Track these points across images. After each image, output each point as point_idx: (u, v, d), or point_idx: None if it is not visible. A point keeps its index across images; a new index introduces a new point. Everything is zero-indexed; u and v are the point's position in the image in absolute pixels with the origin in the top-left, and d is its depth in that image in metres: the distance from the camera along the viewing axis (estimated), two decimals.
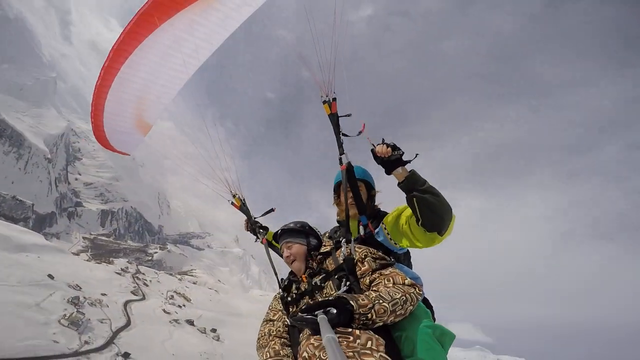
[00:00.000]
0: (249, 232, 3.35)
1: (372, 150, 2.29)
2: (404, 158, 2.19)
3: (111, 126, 3.55)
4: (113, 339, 71.50)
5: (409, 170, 2.17)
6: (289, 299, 2.24)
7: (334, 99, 2.55)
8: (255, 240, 3.23)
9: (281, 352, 2.08)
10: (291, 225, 2.45)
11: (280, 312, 2.33)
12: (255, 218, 3.29)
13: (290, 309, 2.20)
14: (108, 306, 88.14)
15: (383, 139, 2.28)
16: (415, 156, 2.17)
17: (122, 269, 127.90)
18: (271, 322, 2.33)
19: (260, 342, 2.27)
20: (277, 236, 2.57)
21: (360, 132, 2.46)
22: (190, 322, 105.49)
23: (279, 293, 2.40)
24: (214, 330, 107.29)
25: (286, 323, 2.24)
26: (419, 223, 2.12)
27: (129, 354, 67.70)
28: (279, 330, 2.24)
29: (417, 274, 2.35)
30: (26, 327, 59.30)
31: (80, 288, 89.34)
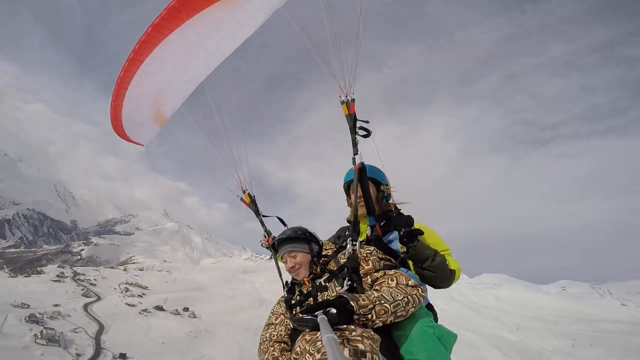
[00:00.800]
0: (268, 249, 3.08)
1: (390, 217, 2.44)
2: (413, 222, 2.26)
3: (129, 116, 3.54)
4: (100, 344, 70.92)
5: (415, 243, 2.25)
6: (293, 301, 2.23)
7: (353, 100, 2.51)
8: (270, 258, 3.09)
9: (280, 358, 2.12)
10: (289, 232, 2.31)
11: (282, 316, 2.34)
12: (263, 216, 3.20)
13: (294, 311, 2.19)
14: (70, 315, 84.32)
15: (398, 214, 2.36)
16: (418, 239, 2.25)
17: (57, 276, 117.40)
18: (273, 326, 2.34)
19: (262, 347, 2.30)
20: (274, 244, 2.53)
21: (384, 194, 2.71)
22: (160, 308, 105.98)
23: (282, 296, 2.41)
24: (186, 310, 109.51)
25: (288, 326, 2.25)
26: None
27: (125, 354, 68.79)
28: (280, 334, 2.26)
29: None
30: (9, 355, 56.25)
31: (28, 305, 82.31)
